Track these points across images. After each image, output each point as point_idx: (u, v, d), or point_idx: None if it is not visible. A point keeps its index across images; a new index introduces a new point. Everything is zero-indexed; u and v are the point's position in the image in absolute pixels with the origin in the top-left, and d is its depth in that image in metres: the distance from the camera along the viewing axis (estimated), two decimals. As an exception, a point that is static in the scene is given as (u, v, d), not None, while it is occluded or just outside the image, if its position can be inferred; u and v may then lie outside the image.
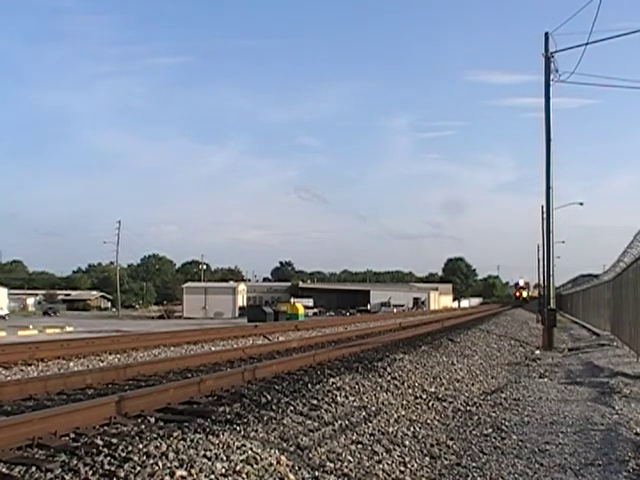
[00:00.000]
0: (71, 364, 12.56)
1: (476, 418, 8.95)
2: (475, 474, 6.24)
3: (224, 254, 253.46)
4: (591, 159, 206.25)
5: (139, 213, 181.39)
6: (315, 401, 7.84)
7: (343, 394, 8.48)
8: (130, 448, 5.06)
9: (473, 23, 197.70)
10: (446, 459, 6.74)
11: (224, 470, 4.85)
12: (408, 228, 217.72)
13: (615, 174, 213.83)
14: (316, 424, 6.90)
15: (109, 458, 4.86)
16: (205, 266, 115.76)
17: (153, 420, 6.79)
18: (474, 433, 8.04)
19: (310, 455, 5.87)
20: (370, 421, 7.49)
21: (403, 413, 8.37)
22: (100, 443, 5.42)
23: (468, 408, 9.67)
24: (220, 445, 5.35)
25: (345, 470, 5.72)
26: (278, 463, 5.26)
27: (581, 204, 41.39)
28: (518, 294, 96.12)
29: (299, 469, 5.40)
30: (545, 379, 13.54)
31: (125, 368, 10.69)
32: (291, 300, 61.96)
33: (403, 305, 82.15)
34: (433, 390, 10.38)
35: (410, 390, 9.89)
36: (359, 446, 6.50)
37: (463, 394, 10.76)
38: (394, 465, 6.21)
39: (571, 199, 61.44)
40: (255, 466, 5.07)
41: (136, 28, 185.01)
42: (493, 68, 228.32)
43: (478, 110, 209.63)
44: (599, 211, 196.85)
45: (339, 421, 7.19)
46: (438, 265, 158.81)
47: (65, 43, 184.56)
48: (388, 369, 10.90)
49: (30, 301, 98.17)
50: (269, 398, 7.89)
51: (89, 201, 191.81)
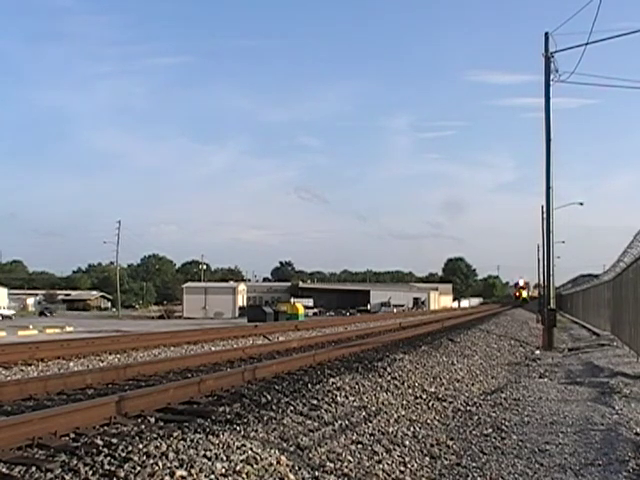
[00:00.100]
0: (71, 364, 12.56)
1: (476, 418, 8.95)
2: (475, 474, 6.24)
3: (224, 254, 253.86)
4: (591, 159, 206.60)
5: (139, 213, 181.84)
6: (315, 401, 7.84)
7: (343, 394, 8.48)
8: (130, 448, 5.06)
9: (473, 23, 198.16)
10: (446, 459, 6.74)
11: (224, 470, 4.85)
12: (408, 228, 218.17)
13: (615, 174, 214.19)
14: (316, 424, 6.90)
15: (109, 458, 4.86)
16: (205, 266, 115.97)
17: (153, 420, 6.79)
18: (474, 433, 8.04)
19: (310, 455, 5.87)
20: (370, 421, 7.49)
21: (403, 413, 8.37)
22: (100, 443, 5.42)
23: (468, 408, 9.67)
24: (220, 445, 5.35)
25: (345, 470, 5.71)
26: (278, 463, 5.26)
27: (581, 204, 41.50)
28: (518, 294, 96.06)
29: (299, 469, 5.40)
30: (545, 379, 13.54)
31: (125, 368, 10.69)
32: (291, 300, 61.97)
33: (403, 305, 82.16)
34: (433, 390, 10.38)
35: (410, 390, 9.89)
36: (359, 446, 6.50)
37: (463, 394, 10.76)
38: (394, 465, 6.21)
39: (571, 199, 61.49)
40: (255, 466, 5.07)
41: (136, 28, 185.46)
42: (493, 68, 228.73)
43: (478, 110, 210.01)
44: (599, 211, 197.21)
45: (339, 421, 7.19)
46: (438, 265, 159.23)
47: (65, 43, 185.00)
48: (388, 369, 10.91)
49: (30, 301, 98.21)
50: (269, 398, 7.89)
51: (89, 201, 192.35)
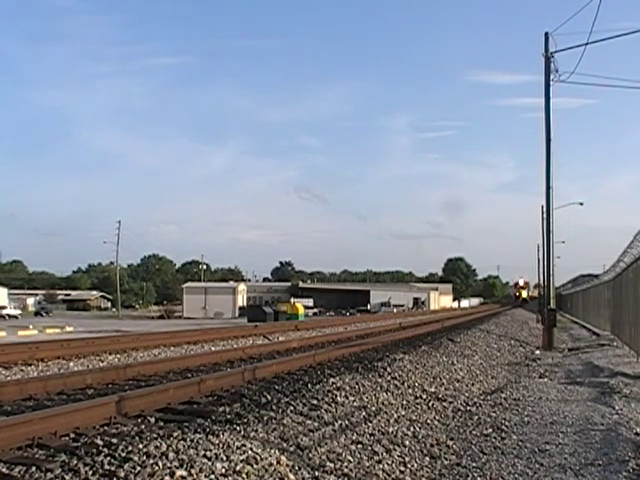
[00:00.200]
0: (71, 364, 12.56)
1: (476, 418, 8.95)
2: (475, 474, 6.23)
3: (224, 254, 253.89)
4: (591, 159, 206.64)
5: (139, 213, 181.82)
6: (315, 401, 7.84)
7: (343, 394, 8.48)
8: (130, 448, 5.05)
9: (473, 23, 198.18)
10: (446, 459, 6.74)
11: (224, 470, 4.85)
12: (408, 228, 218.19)
13: (615, 174, 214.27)
14: (316, 424, 6.90)
15: (109, 458, 4.86)
16: (205, 266, 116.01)
17: (153, 420, 6.79)
18: (474, 433, 8.04)
19: (310, 455, 5.87)
20: (370, 421, 7.49)
21: (403, 413, 8.36)
22: (100, 443, 5.42)
23: (468, 408, 9.67)
24: (220, 445, 5.35)
25: (345, 470, 5.71)
26: (278, 463, 5.26)
27: (581, 204, 41.53)
28: (518, 294, 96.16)
29: (299, 469, 5.40)
30: (545, 379, 13.54)
31: (125, 368, 10.69)
32: (291, 300, 61.96)
33: (403, 305, 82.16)
34: (433, 390, 10.37)
35: (410, 390, 9.89)
36: (359, 446, 6.50)
37: (463, 394, 10.75)
38: (394, 465, 6.20)
39: (571, 199, 61.51)
40: (255, 466, 5.07)
41: (136, 28, 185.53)
42: (493, 68, 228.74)
43: (478, 110, 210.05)
44: (599, 211, 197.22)
45: (339, 421, 7.19)
46: (438, 265, 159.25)
47: (65, 43, 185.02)
48: (388, 369, 10.90)
49: (30, 301, 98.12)
50: (269, 398, 7.89)
51: (89, 201, 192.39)
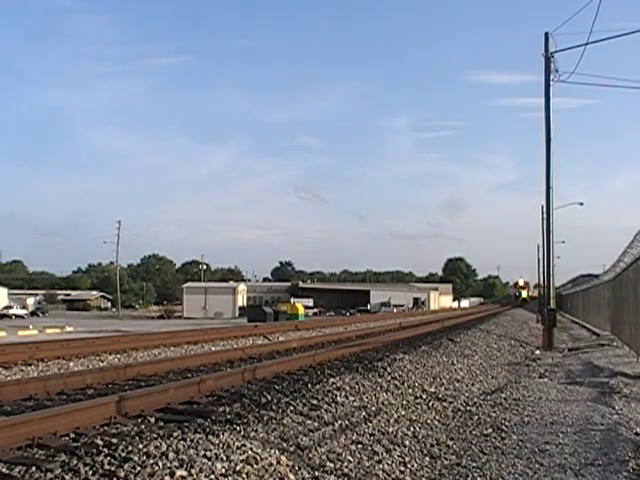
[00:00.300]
0: (71, 364, 12.56)
1: (476, 418, 8.95)
2: (475, 474, 6.23)
3: (224, 254, 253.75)
4: (591, 159, 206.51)
5: (139, 213, 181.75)
6: (315, 401, 7.84)
7: (343, 394, 8.48)
8: (130, 448, 5.05)
9: (473, 23, 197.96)
10: (446, 459, 6.74)
11: (224, 470, 4.85)
12: (408, 228, 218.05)
13: (615, 174, 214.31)
14: (316, 424, 6.90)
15: (109, 458, 4.86)
16: (205, 266, 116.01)
17: (153, 420, 6.79)
18: (474, 433, 8.04)
19: (310, 455, 5.87)
20: (370, 421, 7.49)
21: (403, 413, 8.36)
22: (100, 443, 5.42)
23: (468, 408, 9.67)
24: (220, 445, 5.35)
25: (345, 470, 5.71)
26: (278, 463, 5.26)
27: (581, 204, 41.51)
28: (518, 294, 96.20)
29: (299, 469, 5.40)
30: (545, 379, 13.54)
31: (125, 368, 10.69)
32: (291, 300, 61.94)
33: (403, 305, 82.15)
34: (433, 390, 10.38)
35: (410, 390, 9.89)
36: (359, 446, 6.50)
37: (463, 394, 10.75)
38: (394, 465, 6.20)
39: (571, 199, 61.38)
40: (255, 466, 5.06)
41: (136, 28, 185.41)
42: (493, 68, 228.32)
43: (478, 110, 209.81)
44: (599, 211, 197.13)
45: (339, 421, 7.19)
46: (438, 265, 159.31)
47: (65, 43, 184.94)
48: (388, 369, 10.90)
49: (30, 301, 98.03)
50: (269, 398, 7.89)
51: (89, 201, 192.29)
